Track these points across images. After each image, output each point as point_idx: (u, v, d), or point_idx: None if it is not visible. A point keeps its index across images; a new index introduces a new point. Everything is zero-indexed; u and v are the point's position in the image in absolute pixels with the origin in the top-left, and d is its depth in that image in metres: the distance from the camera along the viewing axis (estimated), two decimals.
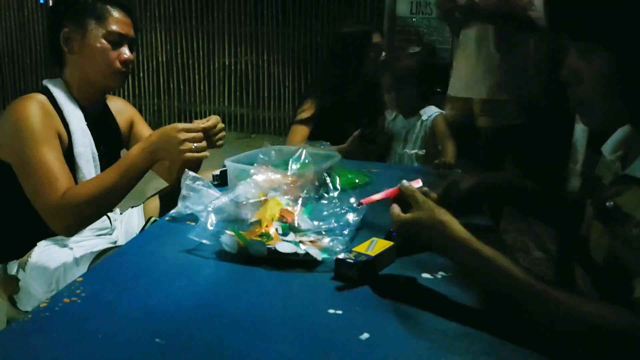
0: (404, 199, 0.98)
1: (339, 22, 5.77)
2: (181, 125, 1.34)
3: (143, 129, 1.71)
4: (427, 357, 0.76)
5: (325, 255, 1.03)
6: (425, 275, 1.01)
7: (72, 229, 1.35)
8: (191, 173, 1.24)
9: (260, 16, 6.14)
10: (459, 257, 0.87)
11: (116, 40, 1.45)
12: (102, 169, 1.49)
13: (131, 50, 1.50)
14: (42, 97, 1.39)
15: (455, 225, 0.88)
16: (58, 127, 1.39)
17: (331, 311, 0.87)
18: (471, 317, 0.86)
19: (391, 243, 1.05)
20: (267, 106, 6.34)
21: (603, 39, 0.82)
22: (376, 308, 0.89)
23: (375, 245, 1.03)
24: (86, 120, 1.47)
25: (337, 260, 0.99)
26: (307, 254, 1.03)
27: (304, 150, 1.37)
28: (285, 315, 0.86)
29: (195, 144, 1.33)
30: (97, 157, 1.49)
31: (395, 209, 0.97)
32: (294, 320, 0.85)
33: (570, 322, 0.73)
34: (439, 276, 1.01)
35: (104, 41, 1.43)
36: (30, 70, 6.82)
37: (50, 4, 1.69)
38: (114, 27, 1.43)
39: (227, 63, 6.37)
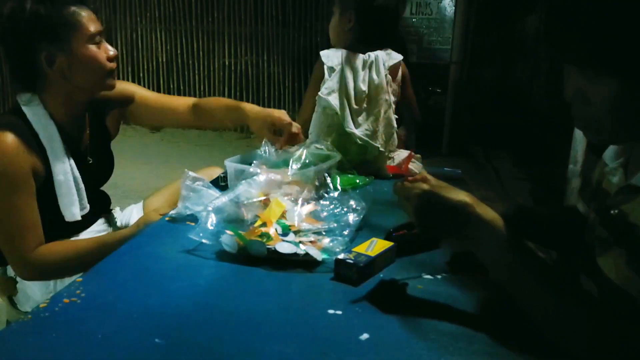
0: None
1: None
2: (161, 212, 1.36)
3: (144, 94, 1.63)
4: (427, 357, 0.76)
5: (325, 256, 1.03)
6: (426, 275, 1.01)
7: (36, 281, 1.38)
8: (191, 173, 1.24)
9: (260, 16, 6.14)
10: (480, 236, 0.82)
11: (98, 41, 1.37)
12: (90, 179, 1.44)
13: (110, 43, 1.43)
14: (10, 135, 1.26)
15: (481, 205, 0.84)
16: (32, 161, 1.29)
17: (331, 311, 0.87)
18: (471, 317, 0.86)
19: (391, 243, 1.05)
20: (267, 106, 6.31)
21: (610, 66, 0.78)
22: (376, 308, 0.89)
23: (375, 246, 1.03)
24: (66, 141, 1.38)
25: (337, 260, 0.99)
26: (307, 254, 1.03)
27: (305, 150, 1.37)
28: (285, 316, 0.86)
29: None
30: (79, 179, 1.40)
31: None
32: (293, 320, 0.85)
33: (589, 329, 0.73)
34: (439, 277, 1.01)
35: (90, 47, 1.34)
36: None
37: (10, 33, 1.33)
38: (91, 29, 1.34)
39: (227, 63, 6.37)
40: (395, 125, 1.84)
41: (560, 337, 0.76)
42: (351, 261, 0.97)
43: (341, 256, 0.99)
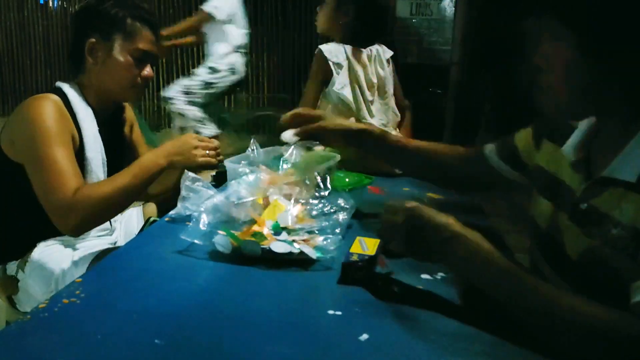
0: None
1: None
2: (195, 135, 1.47)
3: (138, 134, 1.74)
4: (426, 358, 0.75)
5: (319, 254, 1.03)
6: (425, 276, 1.01)
7: (81, 229, 1.35)
8: (191, 174, 1.24)
9: (260, 17, 6.15)
10: (461, 253, 0.86)
11: (141, 57, 1.47)
12: (109, 174, 1.50)
13: (152, 66, 1.52)
14: (56, 98, 1.39)
15: (462, 226, 0.88)
16: (71, 128, 1.40)
17: (330, 312, 0.87)
18: (470, 317, 0.85)
19: (378, 240, 1.04)
20: (267, 107, 6.34)
21: (572, 22, 0.82)
22: (375, 309, 0.89)
23: (367, 244, 1.03)
24: (98, 126, 1.48)
25: (345, 265, 0.98)
26: (301, 252, 1.03)
27: (295, 150, 1.37)
28: (284, 316, 0.86)
29: (208, 151, 1.44)
30: (105, 162, 1.49)
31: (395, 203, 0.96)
32: (293, 320, 0.85)
33: (579, 328, 0.73)
34: (438, 277, 1.01)
35: (129, 57, 1.45)
36: (30, 70, 6.82)
37: (76, 11, 1.74)
38: (140, 45, 1.45)
39: None
40: (398, 113, 1.90)
41: (553, 340, 0.76)
42: (360, 263, 0.97)
43: (346, 260, 0.98)
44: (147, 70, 1.49)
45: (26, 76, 6.82)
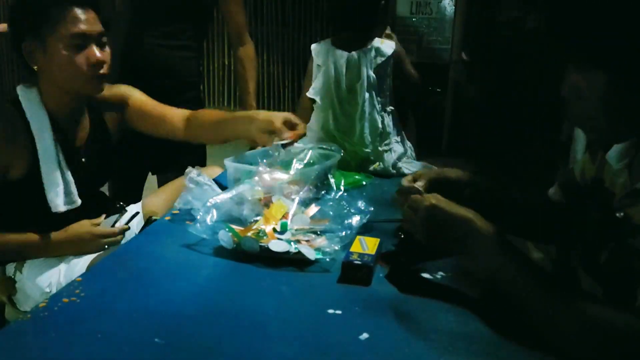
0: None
1: None
2: (96, 230, 1.36)
3: (140, 99, 1.58)
4: (427, 357, 0.76)
5: (319, 255, 1.03)
6: (425, 275, 1.01)
7: None
8: (195, 170, 1.24)
9: (260, 16, 6.14)
10: (479, 248, 0.85)
11: (80, 43, 1.29)
12: (84, 176, 1.43)
13: (102, 47, 1.33)
14: (7, 114, 1.31)
15: (481, 219, 0.87)
16: (13, 152, 1.31)
17: (330, 311, 0.87)
18: (470, 317, 0.86)
19: (378, 239, 1.05)
20: (267, 106, 6.34)
21: (600, 59, 0.81)
22: (375, 308, 0.89)
23: (367, 244, 1.04)
24: (60, 132, 1.37)
25: (345, 264, 0.98)
26: (298, 252, 1.03)
27: (310, 151, 1.37)
28: (284, 315, 0.86)
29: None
30: (67, 171, 1.37)
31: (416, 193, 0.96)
32: (293, 320, 0.85)
33: (594, 331, 0.73)
34: (439, 276, 1.01)
35: (66, 49, 1.28)
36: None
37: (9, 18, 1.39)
38: (73, 30, 1.27)
39: (226, 63, 6.37)
40: (379, 125, 1.80)
41: (559, 341, 0.76)
42: (359, 262, 0.97)
43: (346, 259, 0.98)
44: (94, 55, 1.30)
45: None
